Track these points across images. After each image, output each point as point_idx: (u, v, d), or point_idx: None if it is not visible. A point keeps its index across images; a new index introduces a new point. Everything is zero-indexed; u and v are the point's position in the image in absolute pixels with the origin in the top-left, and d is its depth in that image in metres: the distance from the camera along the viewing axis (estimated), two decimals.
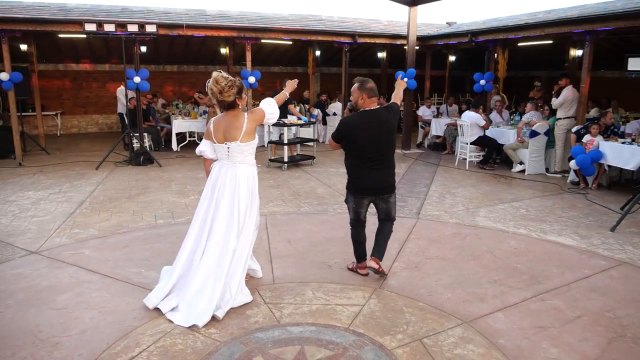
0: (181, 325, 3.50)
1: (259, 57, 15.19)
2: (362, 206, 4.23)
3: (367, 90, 4.05)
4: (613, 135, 8.14)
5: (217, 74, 3.65)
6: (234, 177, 3.76)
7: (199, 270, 3.72)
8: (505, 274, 4.50)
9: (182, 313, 3.60)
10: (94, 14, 10.64)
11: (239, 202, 3.75)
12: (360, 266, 4.41)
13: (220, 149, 3.81)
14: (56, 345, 3.25)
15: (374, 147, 4.05)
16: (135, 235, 5.51)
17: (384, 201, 4.23)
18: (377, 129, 4.04)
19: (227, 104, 3.71)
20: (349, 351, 3.17)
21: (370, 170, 4.09)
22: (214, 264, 3.71)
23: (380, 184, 4.15)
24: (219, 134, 3.77)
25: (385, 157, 4.12)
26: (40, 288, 4.11)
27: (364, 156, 4.07)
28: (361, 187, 4.16)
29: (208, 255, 3.74)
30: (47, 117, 14.13)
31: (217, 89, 3.62)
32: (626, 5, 8.46)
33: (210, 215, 3.79)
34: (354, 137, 4.06)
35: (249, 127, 3.74)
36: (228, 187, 3.76)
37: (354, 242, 4.39)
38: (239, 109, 3.80)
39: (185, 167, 9.57)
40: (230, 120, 3.75)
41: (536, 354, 3.21)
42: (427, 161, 10.57)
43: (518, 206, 6.88)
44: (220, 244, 3.74)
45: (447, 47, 13.84)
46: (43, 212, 6.37)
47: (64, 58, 14.41)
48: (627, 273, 4.56)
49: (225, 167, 3.81)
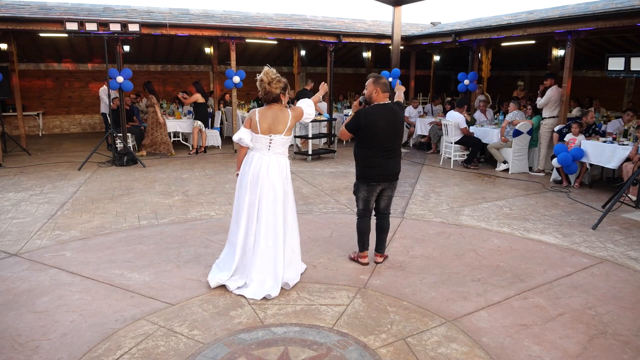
0: (253, 297, 3.90)
1: (244, 56, 15.14)
2: (373, 195, 4.49)
3: (381, 85, 4.34)
4: (594, 135, 8.25)
5: (268, 68, 3.98)
6: (275, 166, 4.03)
7: (256, 256, 4.03)
8: (488, 273, 4.53)
9: (251, 289, 3.97)
10: (75, 13, 10.51)
11: (281, 188, 4.04)
12: (362, 255, 4.67)
13: (263, 140, 4.03)
14: (35, 349, 3.20)
15: (388, 137, 4.34)
16: (118, 236, 5.44)
17: (392, 188, 4.54)
18: (392, 120, 4.35)
19: (273, 96, 3.99)
20: (332, 351, 3.16)
21: (385, 159, 4.36)
22: (271, 246, 4.03)
23: (392, 171, 4.45)
24: (264, 125, 3.99)
25: (396, 147, 4.44)
26: (20, 291, 4.04)
27: (380, 146, 4.33)
28: (376, 175, 4.39)
29: (261, 240, 4.03)
30: (28, 118, 13.93)
31: (268, 79, 3.93)
32: (607, 5, 8.58)
33: (256, 202, 4.02)
34: (372, 127, 4.29)
35: (292, 123, 4.07)
36: (270, 175, 4.01)
37: (359, 233, 4.64)
38: (282, 104, 4.07)
39: (169, 167, 9.49)
40: (276, 113, 4.02)
41: (518, 351, 3.24)
42: (412, 160, 10.61)
43: (502, 205, 6.93)
44: (271, 228, 4.03)
45: (431, 47, 13.92)
46: (24, 213, 6.27)
47: (46, 57, 14.20)
48: (608, 270, 4.62)
49: (266, 158, 4.04)
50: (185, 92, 11.60)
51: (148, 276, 4.36)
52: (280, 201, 4.04)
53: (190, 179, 8.41)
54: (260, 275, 4.01)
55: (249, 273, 4.06)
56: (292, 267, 4.20)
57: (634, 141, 7.58)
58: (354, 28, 13.02)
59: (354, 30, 12.68)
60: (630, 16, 7.63)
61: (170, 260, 4.71)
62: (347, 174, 8.99)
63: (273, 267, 4.03)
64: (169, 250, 5.00)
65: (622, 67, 5.83)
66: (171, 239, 5.31)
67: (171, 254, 4.87)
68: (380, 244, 4.70)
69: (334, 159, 10.61)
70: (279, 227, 4.04)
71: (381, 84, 4.35)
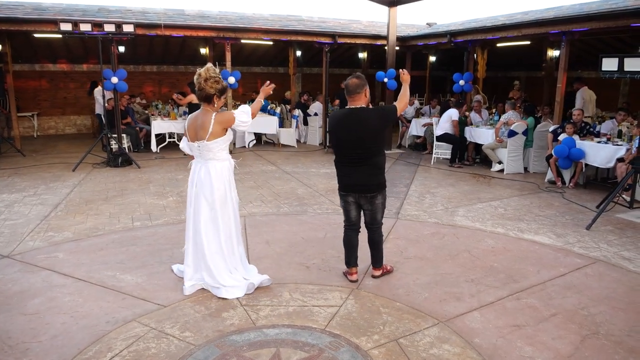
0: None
1: (240, 57, 15.10)
2: (350, 206, 4.18)
3: (347, 85, 4.03)
4: (589, 135, 8.26)
5: (210, 65, 3.91)
6: (207, 172, 3.94)
7: (200, 259, 4.09)
8: (482, 273, 4.53)
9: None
10: (70, 14, 10.47)
11: (213, 195, 3.94)
12: (349, 271, 4.33)
13: (193, 147, 4.00)
14: (25, 351, 3.18)
15: (350, 146, 3.99)
16: (111, 238, 5.42)
17: (368, 202, 4.12)
18: (353, 129, 3.94)
19: (204, 94, 3.86)
20: (324, 353, 3.15)
21: (351, 168, 4.04)
22: (203, 251, 4.03)
23: (360, 182, 4.04)
24: (191, 132, 3.97)
25: (363, 157, 3.98)
26: (12, 293, 4.02)
27: (343, 154, 4.07)
28: (344, 185, 4.14)
29: (197, 245, 4.07)
30: (23, 119, 13.86)
31: (205, 76, 3.82)
32: (601, 6, 8.59)
33: (192, 209, 4.04)
34: (333, 133, 4.08)
35: (215, 129, 3.86)
36: (202, 182, 3.96)
37: (344, 247, 4.32)
38: (214, 107, 3.93)
39: (164, 168, 9.46)
40: (201, 119, 3.91)
41: (511, 352, 3.23)
42: (407, 161, 10.61)
43: (496, 205, 6.94)
44: (203, 235, 4.00)
45: (427, 47, 13.93)
46: (17, 215, 6.24)
47: (40, 58, 14.13)
48: (602, 271, 4.62)
49: (199, 164, 4.02)
50: (181, 93, 11.58)
51: (140, 278, 4.34)
52: (217, 207, 3.97)
53: (185, 180, 8.29)
54: (198, 273, 4.10)
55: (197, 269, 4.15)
56: (236, 272, 4.13)
57: (628, 141, 7.60)
58: (349, 29, 13.02)
59: (349, 30, 12.68)
60: (624, 17, 7.65)
61: (163, 262, 4.69)
62: None
63: (208, 276, 4.04)
64: (162, 251, 4.97)
65: (616, 67, 5.83)
66: (164, 240, 5.29)
67: (164, 256, 4.85)
68: (373, 259, 4.34)
69: (329, 161, 10.61)
70: (210, 235, 4.02)
71: (347, 85, 4.04)
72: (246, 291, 4.01)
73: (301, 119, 13.24)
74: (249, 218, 6.14)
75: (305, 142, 13.41)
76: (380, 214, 4.21)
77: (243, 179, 8.45)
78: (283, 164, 10.00)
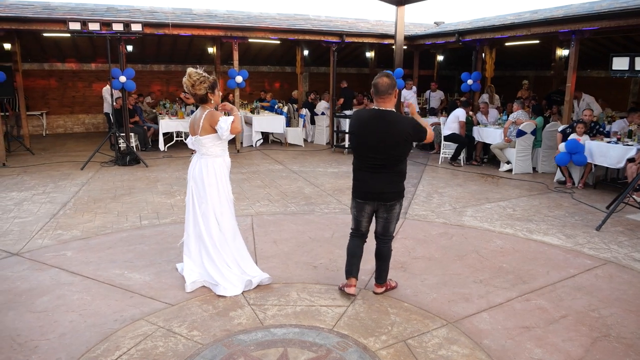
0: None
1: (247, 56, 15.11)
2: (363, 214, 3.86)
3: (375, 85, 3.67)
4: (599, 135, 8.19)
5: (190, 69, 3.95)
6: (200, 168, 4.07)
7: (197, 255, 4.21)
8: (490, 274, 4.49)
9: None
10: (78, 13, 10.51)
11: (205, 190, 4.04)
12: (346, 284, 3.97)
13: (190, 141, 4.22)
14: (34, 349, 3.19)
15: (373, 150, 3.66)
16: (119, 236, 5.43)
17: (385, 210, 3.80)
18: (380, 132, 3.63)
19: (199, 97, 4.00)
20: (332, 353, 3.14)
21: (371, 174, 3.73)
22: (201, 246, 4.14)
23: (379, 190, 3.73)
24: (191, 128, 4.15)
25: (386, 163, 3.67)
26: (20, 291, 4.03)
27: (365, 158, 3.74)
28: (361, 191, 3.80)
29: (193, 239, 4.18)
30: (32, 117, 13.94)
31: (190, 82, 3.92)
32: (611, 5, 8.51)
33: (190, 204, 4.17)
34: (356, 134, 3.76)
35: (204, 125, 3.98)
36: (196, 177, 4.09)
37: (347, 254, 3.99)
38: (211, 104, 4.06)
39: (172, 167, 9.48)
40: (198, 115, 4.07)
41: (520, 354, 3.20)
42: (415, 161, 10.57)
43: (505, 205, 6.89)
44: (199, 229, 4.11)
45: (434, 46, 13.86)
46: (26, 213, 6.27)
47: (49, 57, 14.21)
48: (612, 272, 4.58)
49: (195, 158, 4.18)
50: None
51: (148, 276, 4.35)
52: (207, 202, 4.05)
53: None
54: (209, 277, 4.14)
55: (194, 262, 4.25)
56: (230, 269, 4.14)
57: (639, 141, 7.53)
58: (357, 28, 12.99)
59: (357, 30, 12.65)
60: (634, 15, 7.56)
61: (170, 261, 4.69)
62: (349, 174, 8.88)
63: (206, 273, 4.12)
64: (169, 250, 4.98)
65: (627, 66, 5.79)
66: (172, 239, 5.30)
67: (172, 254, 4.85)
68: (378, 273, 4.01)
69: (336, 160, 10.59)
70: (204, 231, 4.09)
71: (376, 84, 3.66)
72: (244, 288, 4.04)
73: (308, 118, 13.23)
74: (256, 217, 6.14)
75: (312, 141, 13.40)
76: (394, 224, 3.91)
77: (250, 178, 8.46)
78: (290, 163, 10.00)
